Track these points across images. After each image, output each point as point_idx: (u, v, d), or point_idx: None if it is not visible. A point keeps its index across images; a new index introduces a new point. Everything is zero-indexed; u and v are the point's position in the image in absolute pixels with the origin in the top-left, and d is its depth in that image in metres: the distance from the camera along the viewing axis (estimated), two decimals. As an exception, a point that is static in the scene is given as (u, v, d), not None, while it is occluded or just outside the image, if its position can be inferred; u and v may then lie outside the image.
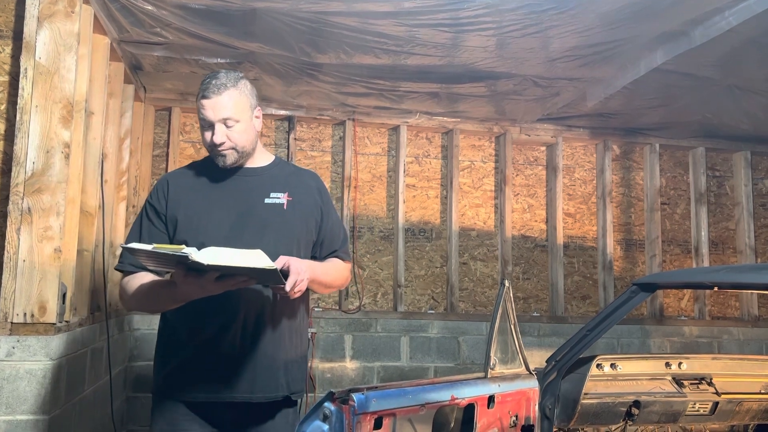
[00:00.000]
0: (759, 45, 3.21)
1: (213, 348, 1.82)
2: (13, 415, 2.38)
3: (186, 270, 1.59)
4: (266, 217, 1.87)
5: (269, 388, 1.84)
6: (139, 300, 1.83)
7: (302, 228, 1.92)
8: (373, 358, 4.41)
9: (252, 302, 1.83)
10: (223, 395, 1.81)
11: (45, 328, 2.44)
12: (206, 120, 1.84)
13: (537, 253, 4.89)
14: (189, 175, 1.95)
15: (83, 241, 2.91)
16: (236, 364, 1.81)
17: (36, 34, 2.55)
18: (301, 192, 1.95)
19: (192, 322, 1.83)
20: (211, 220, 1.85)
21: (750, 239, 5.07)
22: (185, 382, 1.82)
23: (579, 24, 3.05)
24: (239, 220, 1.85)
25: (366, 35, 3.21)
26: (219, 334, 1.82)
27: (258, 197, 1.90)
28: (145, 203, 1.93)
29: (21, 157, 2.49)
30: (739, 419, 2.74)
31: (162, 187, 1.92)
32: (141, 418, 4.10)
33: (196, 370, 1.82)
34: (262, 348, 1.83)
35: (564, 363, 2.37)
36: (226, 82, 1.84)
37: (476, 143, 4.89)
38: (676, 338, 4.87)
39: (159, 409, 1.86)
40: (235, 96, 1.85)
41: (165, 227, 1.87)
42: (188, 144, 4.45)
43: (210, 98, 1.83)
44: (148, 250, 1.52)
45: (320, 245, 1.98)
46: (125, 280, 1.86)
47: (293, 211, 1.91)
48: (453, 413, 2.03)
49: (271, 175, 1.96)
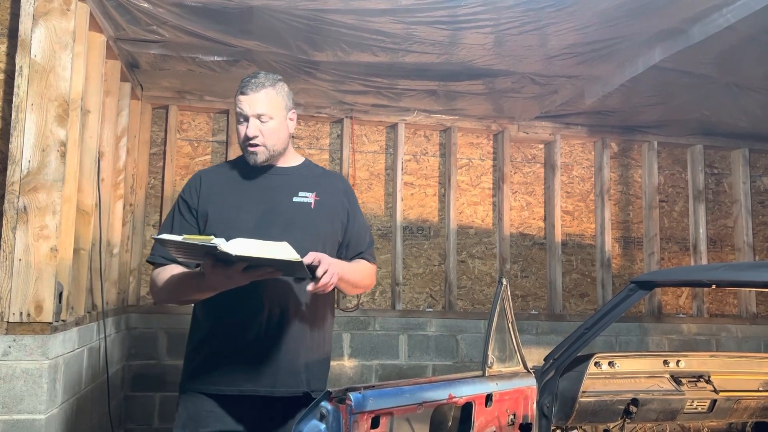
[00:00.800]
0: (757, 42, 3.20)
1: (237, 342, 1.88)
2: (10, 414, 2.37)
3: (214, 260, 1.66)
4: (293, 215, 1.95)
5: (291, 383, 1.89)
6: (168, 291, 1.91)
7: (328, 228, 1.99)
8: (372, 356, 4.41)
9: (276, 299, 1.89)
10: (246, 388, 1.87)
11: (41, 328, 2.43)
12: (242, 114, 1.93)
13: (535, 251, 4.89)
14: (221, 173, 2.04)
15: (80, 240, 2.90)
16: (259, 359, 1.87)
17: (31, 31, 2.53)
18: (329, 193, 2.03)
19: (218, 317, 1.91)
20: (239, 215, 1.92)
21: (748, 237, 5.07)
22: (210, 375, 1.89)
23: (577, 21, 3.05)
24: (267, 216, 1.93)
25: (363, 33, 3.20)
26: (244, 329, 1.88)
27: (286, 196, 1.97)
28: (178, 198, 2.01)
29: (17, 156, 2.48)
30: (738, 417, 2.74)
31: (195, 183, 2.00)
32: (139, 416, 4.09)
33: (221, 364, 1.89)
34: (285, 344, 1.89)
35: (562, 361, 2.36)
36: (264, 81, 1.95)
37: (474, 141, 4.88)
38: (674, 336, 4.87)
39: (184, 402, 1.92)
40: (272, 95, 1.95)
41: (196, 222, 1.95)
42: (185, 142, 4.44)
43: (248, 94, 1.93)
44: (178, 240, 1.59)
45: (346, 246, 2.04)
46: (155, 272, 1.94)
47: (320, 210, 1.98)
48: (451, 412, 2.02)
49: (300, 175, 2.04)
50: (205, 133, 4.47)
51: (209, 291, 1.79)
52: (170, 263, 1.91)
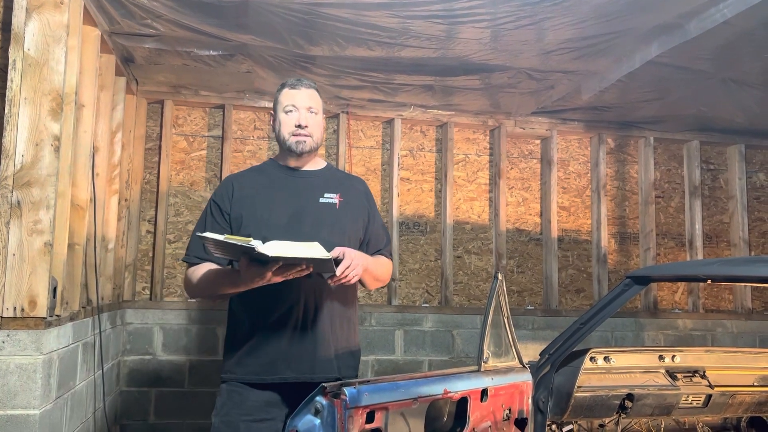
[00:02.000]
0: (754, 38, 3.20)
1: (277, 334, 2.02)
2: (4, 409, 2.37)
3: (250, 260, 1.79)
4: (321, 215, 2.09)
5: (326, 369, 2.03)
6: (204, 286, 2.05)
7: (352, 226, 2.14)
8: (368, 351, 4.40)
9: (311, 294, 2.04)
10: (287, 376, 2.00)
11: (35, 323, 2.42)
12: (292, 104, 2.10)
13: (531, 247, 4.89)
14: (251, 177, 2.19)
15: (74, 235, 2.89)
16: (298, 347, 2.01)
17: (24, 25, 2.52)
18: (352, 195, 2.19)
19: (257, 311, 2.04)
20: (271, 215, 2.06)
21: (744, 232, 5.08)
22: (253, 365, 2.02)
23: (573, 16, 3.04)
24: (296, 216, 2.07)
25: (359, 27, 3.19)
26: (282, 322, 2.02)
27: (313, 197, 2.12)
28: (210, 201, 2.16)
29: (10, 150, 2.46)
30: (732, 412, 2.75)
31: (227, 187, 2.15)
32: (134, 412, 4.09)
33: (262, 354, 2.02)
34: (319, 334, 2.03)
35: (557, 356, 2.36)
36: (309, 83, 2.17)
37: (471, 136, 4.87)
38: (669, 331, 4.88)
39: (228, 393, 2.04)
40: (316, 96, 2.17)
41: (228, 224, 2.10)
42: (181, 137, 4.42)
43: (298, 89, 2.13)
44: (219, 240, 1.72)
45: (367, 244, 2.19)
46: (190, 270, 2.10)
47: (344, 210, 2.13)
48: (446, 407, 2.02)
49: (324, 178, 2.19)
50: (200, 128, 4.46)
51: (243, 286, 1.89)
52: (203, 262, 2.06)
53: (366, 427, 1.69)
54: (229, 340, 2.12)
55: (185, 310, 4.20)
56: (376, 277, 2.16)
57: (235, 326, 2.11)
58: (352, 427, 1.63)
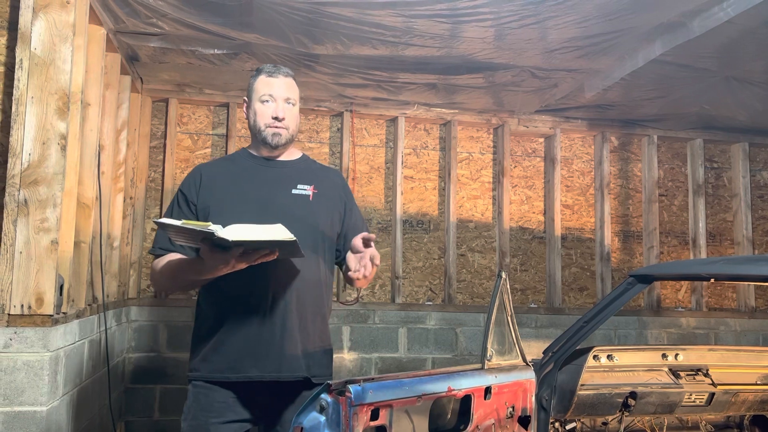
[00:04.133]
0: (757, 36, 3.20)
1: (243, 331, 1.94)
2: (11, 406, 2.38)
3: (212, 246, 1.71)
4: (292, 207, 2.00)
5: (294, 368, 1.95)
6: (168, 277, 1.98)
7: (326, 220, 2.05)
8: (371, 349, 4.42)
9: (279, 287, 1.95)
10: (253, 375, 1.93)
11: (42, 320, 2.44)
12: (269, 94, 2.02)
13: (535, 245, 4.90)
14: (221, 166, 2.10)
15: (80, 233, 2.91)
16: (265, 346, 1.93)
17: (31, 24, 2.53)
18: (327, 186, 2.09)
19: (223, 306, 1.96)
20: (240, 206, 1.97)
21: (748, 231, 5.07)
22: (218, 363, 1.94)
23: (577, 15, 3.04)
24: (266, 207, 1.98)
25: (363, 26, 3.20)
26: (248, 318, 1.94)
27: (285, 188, 2.03)
28: (177, 191, 2.08)
29: (17, 149, 2.48)
30: (735, 410, 2.75)
31: (195, 177, 2.06)
32: (139, 409, 4.11)
33: (227, 352, 1.94)
34: (287, 331, 1.95)
35: (561, 354, 2.37)
36: (287, 71, 2.07)
37: (474, 135, 4.88)
38: (673, 329, 4.88)
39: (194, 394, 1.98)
40: (293, 84, 2.08)
41: (195, 215, 2.02)
42: (185, 135, 4.44)
43: (276, 77, 2.04)
44: (177, 225, 1.65)
45: (344, 238, 2.10)
46: (155, 262, 2.02)
47: (318, 203, 2.05)
48: (450, 404, 2.03)
49: (298, 169, 2.10)
50: (205, 126, 4.47)
51: (208, 275, 1.82)
52: (169, 253, 1.98)
53: (370, 425, 1.70)
54: (195, 336, 2.03)
55: (190, 308, 4.22)
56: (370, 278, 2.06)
57: (201, 321, 2.02)
58: (356, 425, 1.64)
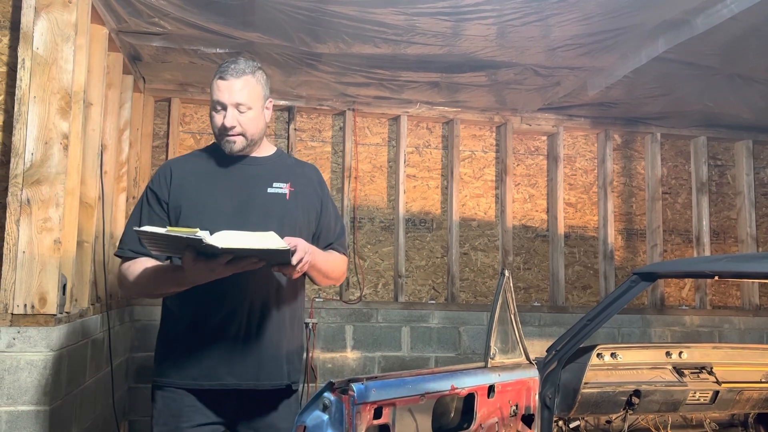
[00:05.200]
0: (761, 33, 3.18)
1: (219, 336, 1.84)
2: (15, 405, 2.39)
3: (196, 254, 1.62)
4: (269, 206, 1.90)
5: (274, 376, 1.87)
6: (142, 285, 1.85)
7: (303, 218, 1.95)
8: (374, 348, 4.42)
9: (258, 290, 1.85)
10: (229, 383, 1.83)
11: (45, 320, 2.44)
12: (219, 102, 1.86)
13: (538, 243, 4.89)
14: (192, 162, 1.97)
15: (83, 233, 2.91)
16: (242, 352, 1.84)
17: (33, 24, 2.53)
18: (303, 184, 1.99)
19: (197, 310, 1.85)
20: (214, 207, 1.86)
21: (751, 228, 5.06)
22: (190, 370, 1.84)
23: (580, 12, 3.03)
24: (242, 207, 1.88)
25: (365, 24, 3.19)
26: (225, 322, 1.84)
27: (261, 186, 1.92)
28: (146, 189, 1.94)
29: (20, 149, 2.48)
30: (740, 408, 2.75)
31: (165, 173, 1.93)
32: (143, 409, 4.11)
33: (201, 358, 1.83)
34: (267, 336, 1.86)
35: (564, 352, 2.37)
36: (244, 68, 1.87)
37: (477, 133, 4.87)
38: (676, 327, 4.87)
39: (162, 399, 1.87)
40: (251, 83, 1.88)
41: (166, 214, 1.89)
42: (188, 135, 4.44)
43: (227, 80, 1.85)
44: (160, 233, 1.54)
45: (317, 237, 2.00)
46: (125, 266, 1.88)
47: (295, 201, 1.94)
48: (453, 403, 2.03)
49: (274, 166, 1.98)
50: (207, 126, 4.47)
51: (189, 284, 1.74)
52: (139, 257, 1.85)
53: (374, 423, 1.70)
54: (162, 340, 1.92)
55: (193, 307, 4.22)
56: (325, 274, 1.96)
57: (171, 324, 1.91)
58: (359, 423, 1.64)
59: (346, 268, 2.12)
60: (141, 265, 1.84)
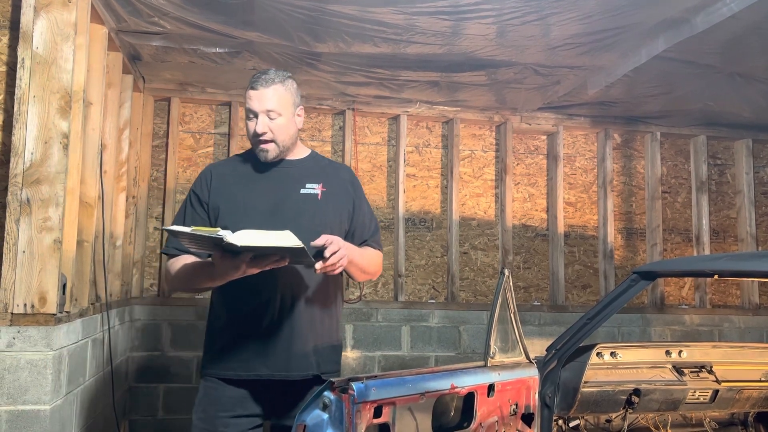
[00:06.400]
0: (761, 32, 3.18)
1: (252, 330, 1.98)
2: (15, 405, 2.39)
3: (222, 251, 1.75)
4: (301, 206, 2.03)
5: (302, 367, 1.99)
6: (181, 280, 2.02)
7: (335, 217, 2.07)
8: (374, 347, 4.42)
9: (288, 287, 1.99)
10: (262, 373, 1.97)
11: (45, 319, 2.44)
12: (251, 110, 2.02)
13: (537, 243, 4.89)
14: (231, 166, 2.14)
15: (83, 232, 2.91)
16: (273, 345, 1.97)
17: (33, 23, 2.53)
18: (335, 184, 2.11)
19: (233, 306, 2.01)
20: (250, 207, 2.01)
21: (751, 227, 5.06)
22: (229, 361, 1.99)
23: (579, 11, 3.03)
24: (276, 207, 2.01)
25: (365, 24, 3.19)
26: (257, 316, 1.98)
27: (294, 187, 2.06)
28: (190, 191, 2.11)
29: (19, 148, 2.48)
30: (740, 407, 2.75)
31: (206, 177, 2.10)
32: (143, 408, 4.12)
33: (238, 350, 1.99)
34: (296, 329, 1.98)
35: (564, 352, 2.37)
36: (274, 78, 2.03)
37: (477, 132, 4.87)
38: (676, 327, 4.87)
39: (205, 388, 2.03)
40: (281, 91, 2.03)
41: (207, 214, 2.05)
42: (188, 134, 4.44)
43: (257, 89, 2.01)
44: (187, 232, 1.68)
45: (352, 235, 2.11)
46: (170, 263, 2.06)
47: (327, 201, 2.06)
48: (453, 402, 2.03)
49: (307, 167, 2.12)
50: (207, 125, 4.47)
51: (219, 279, 1.86)
52: (183, 254, 2.01)
53: (374, 422, 1.70)
54: (207, 335, 2.09)
55: (193, 306, 4.23)
56: (362, 269, 2.09)
57: (214, 320, 2.08)
58: (359, 422, 1.64)
59: (381, 264, 2.26)
60: (182, 261, 2.01)
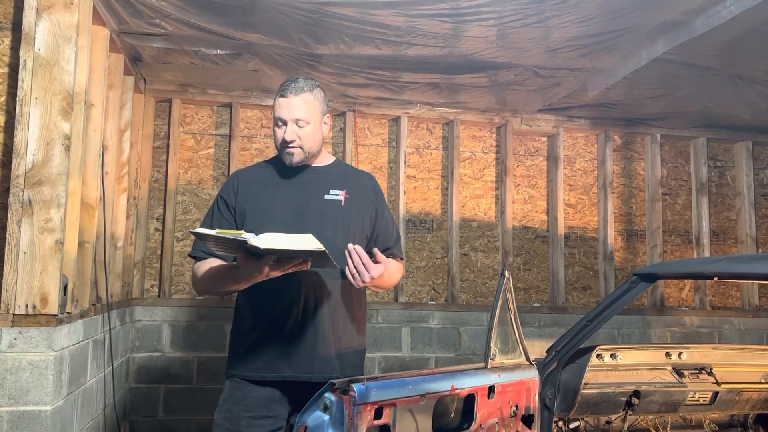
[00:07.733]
0: (761, 34, 3.19)
1: (277, 332, 2.02)
2: (16, 405, 2.39)
3: (246, 254, 1.78)
4: (325, 212, 2.07)
5: (325, 369, 2.01)
6: (207, 282, 2.05)
7: (358, 223, 2.11)
8: (375, 348, 4.42)
9: (311, 290, 2.03)
10: (286, 374, 2.01)
11: (47, 320, 2.45)
12: (281, 118, 2.05)
13: (538, 244, 4.89)
14: (257, 172, 2.18)
15: (84, 233, 2.92)
16: (297, 347, 2.01)
17: (35, 25, 2.54)
18: (358, 191, 2.15)
19: (258, 309, 2.05)
20: (275, 211, 2.06)
21: (751, 229, 5.06)
22: (254, 363, 2.03)
23: (580, 13, 3.04)
24: (300, 213, 2.06)
25: (365, 25, 3.20)
26: (282, 317, 2.02)
27: (318, 193, 2.10)
28: (217, 196, 2.16)
29: (21, 149, 2.49)
30: (739, 409, 2.75)
31: (233, 182, 2.15)
32: (143, 408, 4.12)
33: (263, 352, 2.02)
34: (319, 332, 2.02)
35: (564, 353, 2.37)
36: (303, 86, 2.06)
37: (477, 134, 4.88)
38: (676, 328, 4.88)
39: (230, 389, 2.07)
40: (309, 100, 2.07)
41: (233, 219, 2.10)
42: (188, 135, 4.45)
43: (287, 97, 2.05)
44: (212, 234, 1.72)
45: (374, 241, 2.15)
46: (196, 265, 2.10)
47: (350, 207, 2.11)
48: (453, 403, 2.03)
49: (331, 174, 2.16)
50: (208, 127, 4.48)
51: (244, 282, 1.90)
52: (209, 257, 2.06)
53: (374, 423, 1.70)
54: (233, 336, 2.13)
55: (193, 308, 4.23)
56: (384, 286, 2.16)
57: (240, 322, 2.11)
58: (360, 423, 1.65)
59: (403, 272, 2.32)
60: (208, 264, 2.05)
